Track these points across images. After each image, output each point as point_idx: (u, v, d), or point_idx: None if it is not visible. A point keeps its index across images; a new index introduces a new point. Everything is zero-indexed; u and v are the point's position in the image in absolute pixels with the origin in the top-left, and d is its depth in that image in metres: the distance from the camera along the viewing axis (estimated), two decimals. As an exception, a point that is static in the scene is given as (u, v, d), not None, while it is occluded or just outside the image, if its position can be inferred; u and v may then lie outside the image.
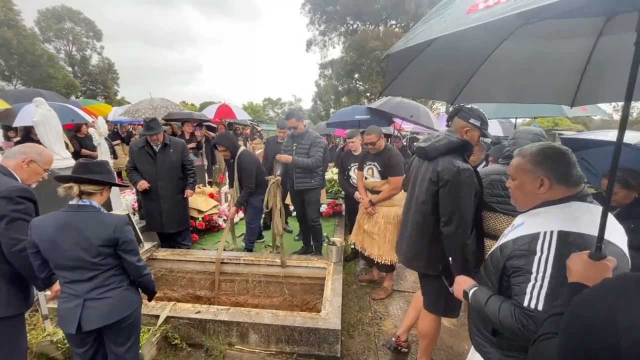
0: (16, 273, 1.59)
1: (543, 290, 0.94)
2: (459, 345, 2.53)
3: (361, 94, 26.04)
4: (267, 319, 2.32)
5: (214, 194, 5.08)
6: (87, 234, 1.45)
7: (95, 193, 1.55)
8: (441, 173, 1.69)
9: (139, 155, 3.40)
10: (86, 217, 1.49)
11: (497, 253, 1.12)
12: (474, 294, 1.16)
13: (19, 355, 1.65)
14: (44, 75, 23.65)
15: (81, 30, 29.61)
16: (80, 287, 1.50)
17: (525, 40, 1.36)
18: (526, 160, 1.11)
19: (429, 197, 1.78)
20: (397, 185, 2.91)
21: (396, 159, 2.96)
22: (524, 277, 0.98)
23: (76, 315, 1.48)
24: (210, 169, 6.98)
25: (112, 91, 31.03)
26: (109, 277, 1.53)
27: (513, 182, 1.17)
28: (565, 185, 1.06)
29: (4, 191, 1.51)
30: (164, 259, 3.33)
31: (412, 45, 1.02)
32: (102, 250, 1.47)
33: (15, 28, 22.65)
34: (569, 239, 0.95)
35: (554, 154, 1.08)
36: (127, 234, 1.54)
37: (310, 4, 26.91)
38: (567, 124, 18.91)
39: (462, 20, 0.84)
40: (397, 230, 2.92)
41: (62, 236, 1.45)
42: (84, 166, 1.55)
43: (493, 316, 1.04)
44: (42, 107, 3.25)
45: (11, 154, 1.71)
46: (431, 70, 1.54)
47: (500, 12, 0.73)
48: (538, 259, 0.97)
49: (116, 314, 1.54)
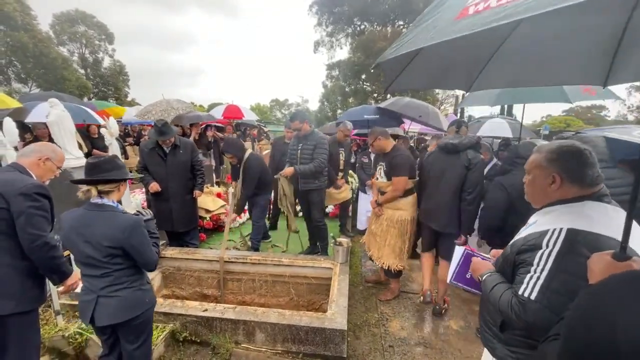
0: (31, 269, 1.63)
1: (539, 282, 0.97)
2: (467, 348, 2.50)
3: (368, 95, 25.95)
4: (273, 318, 2.32)
5: (222, 193, 5.13)
6: (98, 234, 1.49)
7: (112, 191, 1.59)
8: (472, 160, 2.56)
9: (150, 156, 3.46)
10: (100, 216, 1.52)
11: (509, 248, 1.16)
12: (485, 279, 1.20)
13: (33, 349, 1.70)
14: (58, 77, 24.30)
15: (94, 34, 30.31)
16: (95, 282, 1.54)
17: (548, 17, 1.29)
18: (542, 157, 1.11)
19: (459, 179, 2.58)
20: (397, 186, 2.83)
21: (399, 160, 2.83)
22: (526, 269, 1.02)
23: (90, 309, 1.53)
24: (218, 169, 7.05)
25: (123, 93, 31.69)
26: (120, 276, 1.56)
27: (527, 176, 1.18)
28: (578, 185, 1.05)
29: (21, 188, 1.56)
30: (172, 257, 3.37)
31: (402, 53, 1.03)
32: (111, 250, 1.49)
33: (31, 32, 23.38)
34: (577, 237, 0.95)
35: (570, 152, 1.07)
36: (137, 237, 1.53)
37: (318, 5, 26.95)
38: (580, 124, 18.52)
39: (450, 28, 0.82)
40: (400, 235, 2.93)
41: (76, 233, 1.50)
42: (96, 166, 1.56)
43: (494, 302, 1.09)
44: (56, 107, 3.33)
45: (26, 152, 1.76)
46: (442, 60, 1.49)
47: (489, 19, 0.71)
48: (541, 253, 0.99)
49: (126, 313, 1.56)
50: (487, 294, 1.14)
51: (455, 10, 0.88)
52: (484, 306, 1.28)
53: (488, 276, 1.20)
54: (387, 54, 1.13)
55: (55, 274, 1.68)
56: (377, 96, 24.54)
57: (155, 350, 2.18)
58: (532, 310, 0.96)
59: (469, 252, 1.55)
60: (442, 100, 26.43)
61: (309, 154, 3.44)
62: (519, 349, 1.10)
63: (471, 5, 0.82)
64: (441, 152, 2.73)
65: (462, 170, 2.57)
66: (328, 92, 29.45)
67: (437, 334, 2.69)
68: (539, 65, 1.61)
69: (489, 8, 0.76)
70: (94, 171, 1.55)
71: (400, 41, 1.11)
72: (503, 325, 1.14)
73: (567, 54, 1.50)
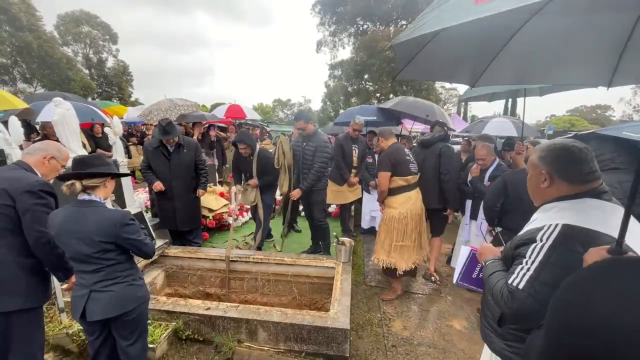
0: (37, 266, 1.65)
1: (528, 273, 1.00)
2: (470, 348, 2.48)
3: (371, 95, 25.90)
4: (275, 317, 2.32)
5: (224, 193, 5.14)
6: (89, 229, 1.49)
7: (98, 186, 1.57)
8: (442, 149, 3.31)
9: (154, 155, 3.47)
10: (89, 212, 1.53)
11: (508, 244, 1.20)
12: (487, 265, 1.24)
13: (37, 347, 1.71)
14: (62, 77, 24.50)
15: (98, 34, 30.50)
16: (88, 277, 1.54)
17: (557, 16, 1.24)
18: (535, 156, 1.15)
19: (435, 164, 3.30)
20: (379, 181, 3.00)
21: (381, 156, 3.10)
22: (519, 261, 1.06)
23: (81, 304, 1.53)
24: (220, 169, 7.07)
25: (127, 93, 31.85)
26: (113, 271, 1.55)
27: (528, 175, 1.21)
28: (568, 182, 1.06)
29: (27, 185, 1.57)
30: (175, 256, 3.38)
31: (419, 35, 1.00)
32: (104, 245, 1.50)
33: (36, 32, 23.57)
34: (571, 232, 0.97)
35: (559, 149, 1.09)
36: (130, 227, 1.55)
37: (321, 5, 26.94)
38: (585, 125, 18.39)
39: (472, 10, 0.83)
40: (388, 231, 3.02)
41: (66, 230, 1.50)
42: (82, 161, 1.56)
43: (489, 288, 1.14)
44: (61, 106, 3.35)
45: (31, 150, 1.78)
46: (449, 52, 1.45)
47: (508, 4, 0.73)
48: (534, 246, 1.02)
49: (118, 308, 1.55)
50: (486, 279, 1.19)
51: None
52: (484, 301, 1.31)
53: (491, 262, 1.23)
54: (402, 35, 1.10)
55: (60, 271, 1.70)
56: (380, 96, 24.49)
57: (158, 348, 2.19)
58: (518, 299, 1.00)
59: (475, 253, 1.54)
60: (445, 99, 26.34)
61: (310, 155, 3.47)
62: (514, 342, 1.13)
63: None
64: (419, 147, 3.53)
65: (436, 159, 3.29)
66: (330, 91, 29.43)
67: (440, 333, 2.67)
68: (544, 63, 1.59)
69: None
70: (80, 166, 1.55)
71: (416, 23, 1.07)
72: (501, 319, 1.18)
73: (573, 54, 1.47)
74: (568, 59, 1.51)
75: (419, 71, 1.59)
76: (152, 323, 2.35)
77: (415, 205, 2.99)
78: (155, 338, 2.22)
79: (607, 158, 2.14)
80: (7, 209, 1.54)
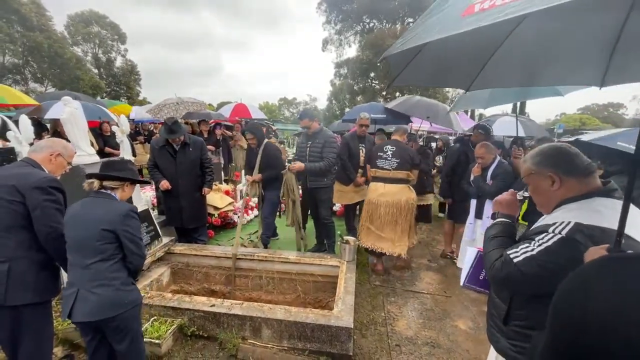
0: (47, 261, 1.68)
1: (530, 253, 1.02)
2: (475, 348, 2.46)
3: (377, 93, 25.77)
4: (279, 315, 2.33)
5: (230, 191, 5.17)
6: (95, 216, 1.55)
7: (117, 188, 1.67)
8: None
9: (160, 154, 3.51)
10: (102, 201, 1.61)
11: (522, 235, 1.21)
12: (494, 224, 1.28)
13: (46, 340, 1.75)
14: (72, 77, 24.88)
15: (107, 34, 30.89)
16: (78, 274, 1.55)
17: (547, 17, 1.28)
18: (529, 164, 1.15)
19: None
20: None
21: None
22: (527, 242, 1.08)
23: (70, 303, 1.53)
24: (226, 167, 7.12)
25: (135, 92, 32.24)
26: (103, 270, 1.54)
27: (530, 187, 1.19)
28: (575, 177, 1.06)
29: (36, 182, 1.61)
30: (180, 253, 3.41)
31: (408, 48, 1.06)
32: (104, 234, 1.53)
33: (47, 32, 23.98)
34: (584, 230, 0.96)
35: (550, 148, 1.13)
36: (133, 222, 1.61)
37: (327, 3, 26.86)
38: (597, 123, 17.98)
39: (457, 24, 0.86)
40: (364, 215, 3.55)
41: (76, 216, 1.57)
42: (108, 164, 1.71)
43: (486, 249, 1.20)
44: (69, 105, 3.40)
45: (38, 147, 1.81)
46: (443, 58, 1.51)
47: (496, 16, 0.76)
48: (544, 234, 1.03)
49: (101, 313, 1.52)
50: (486, 236, 1.24)
51: (461, 7, 0.92)
52: (490, 300, 1.30)
53: (496, 223, 1.27)
54: (393, 48, 1.16)
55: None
56: (386, 94, 24.33)
57: (163, 343, 2.21)
58: (508, 270, 1.05)
59: (482, 254, 1.53)
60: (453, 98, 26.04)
61: (317, 152, 3.44)
62: (518, 341, 1.13)
63: (477, 3, 0.86)
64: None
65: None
66: (336, 90, 29.36)
67: (444, 333, 2.65)
68: (536, 65, 1.64)
69: (494, 6, 0.80)
70: (105, 168, 1.70)
71: (406, 36, 1.14)
72: (506, 317, 1.17)
73: (565, 55, 1.52)
74: (559, 60, 1.55)
75: (413, 78, 1.66)
76: (158, 319, 2.39)
77: (385, 198, 3.37)
78: (161, 334, 2.25)
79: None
80: (17, 205, 1.57)
